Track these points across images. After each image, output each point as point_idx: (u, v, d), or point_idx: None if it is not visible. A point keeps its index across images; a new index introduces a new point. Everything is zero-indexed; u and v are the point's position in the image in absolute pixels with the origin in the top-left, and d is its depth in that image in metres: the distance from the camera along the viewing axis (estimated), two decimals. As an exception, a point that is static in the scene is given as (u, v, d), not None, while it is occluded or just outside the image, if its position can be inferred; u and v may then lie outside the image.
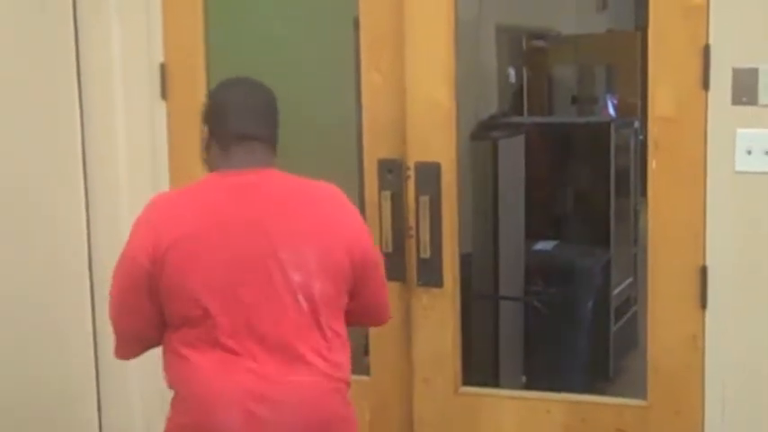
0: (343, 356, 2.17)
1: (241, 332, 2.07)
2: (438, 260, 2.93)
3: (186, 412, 2.12)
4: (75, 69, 3.15)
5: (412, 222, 2.94)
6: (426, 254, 2.92)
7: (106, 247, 3.19)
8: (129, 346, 2.25)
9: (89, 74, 3.16)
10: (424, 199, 2.90)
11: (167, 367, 2.18)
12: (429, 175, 2.91)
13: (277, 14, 4.15)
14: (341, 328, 2.17)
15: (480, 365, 4.36)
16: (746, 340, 2.74)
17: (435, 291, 2.95)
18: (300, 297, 2.09)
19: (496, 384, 4.39)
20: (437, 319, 2.97)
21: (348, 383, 2.19)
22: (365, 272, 2.21)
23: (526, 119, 6.32)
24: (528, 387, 4.50)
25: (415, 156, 2.94)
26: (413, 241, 2.94)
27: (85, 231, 3.19)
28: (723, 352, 2.75)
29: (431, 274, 2.94)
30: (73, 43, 3.14)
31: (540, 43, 6.62)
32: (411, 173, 2.93)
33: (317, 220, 2.17)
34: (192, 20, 3.15)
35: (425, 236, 2.91)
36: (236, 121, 2.22)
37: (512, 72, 6.17)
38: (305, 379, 2.09)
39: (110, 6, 3.14)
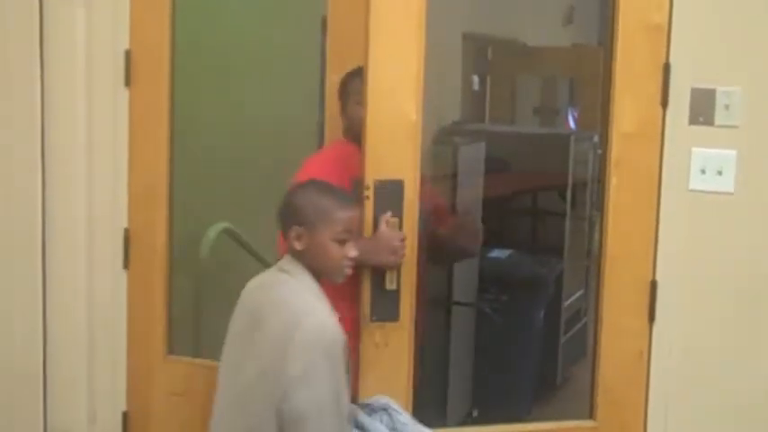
0: None
1: None
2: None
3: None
4: (38, 52, 3.11)
5: None
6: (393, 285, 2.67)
7: (61, 232, 3.17)
8: None
9: (53, 58, 3.12)
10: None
11: None
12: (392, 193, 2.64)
13: (245, 7, 4.14)
14: None
15: (430, 367, 4.37)
16: (691, 356, 2.78)
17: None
18: None
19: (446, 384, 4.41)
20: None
21: None
22: None
23: (488, 126, 6.36)
24: (477, 390, 4.53)
25: (374, 174, 2.64)
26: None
27: (40, 216, 3.16)
28: (667, 367, 2.80)
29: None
30: (37, 26, 3.10)
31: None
32: (370, 193, 2.62)
33: None
34: (160, 8, 3.14)
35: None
36: None
37: (476, 79, 6.20)
38: None
39: (77, -10, 3.13)
